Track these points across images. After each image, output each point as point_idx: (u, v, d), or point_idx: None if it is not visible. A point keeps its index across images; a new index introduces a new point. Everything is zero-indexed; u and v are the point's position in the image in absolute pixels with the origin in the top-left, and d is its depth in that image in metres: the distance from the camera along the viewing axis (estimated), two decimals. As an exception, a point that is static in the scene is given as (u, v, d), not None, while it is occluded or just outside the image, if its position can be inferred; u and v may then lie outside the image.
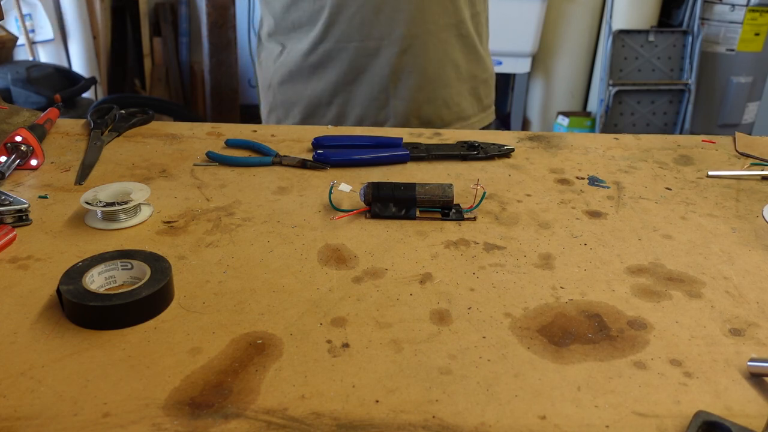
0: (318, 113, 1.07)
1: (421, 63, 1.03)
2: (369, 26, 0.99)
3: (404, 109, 1.05)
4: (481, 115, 1.15)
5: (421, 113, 1.06)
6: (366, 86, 1.04)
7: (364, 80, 1.03)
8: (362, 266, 0.55)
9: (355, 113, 1.05)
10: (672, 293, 0.53)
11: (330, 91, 1.05)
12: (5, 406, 0.39)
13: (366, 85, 1.04)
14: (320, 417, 0.39)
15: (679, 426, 0.39)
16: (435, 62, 1.04)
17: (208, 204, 0.66)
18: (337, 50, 1.02)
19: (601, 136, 0.89)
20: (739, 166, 0.81)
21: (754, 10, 2.69)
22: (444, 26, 1.03)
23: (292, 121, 1.10)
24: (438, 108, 1.07)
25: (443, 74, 1.06)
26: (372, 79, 1.03)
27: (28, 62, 2.59)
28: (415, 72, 1.03)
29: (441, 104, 1.07)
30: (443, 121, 1.09)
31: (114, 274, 0.51)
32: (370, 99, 1.04)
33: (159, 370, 0.42)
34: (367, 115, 1.05)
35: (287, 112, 1.10)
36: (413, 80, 1.04)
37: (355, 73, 1.03)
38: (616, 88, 2.81)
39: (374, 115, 1.05)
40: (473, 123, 1.13)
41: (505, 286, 0.53)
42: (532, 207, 0.67)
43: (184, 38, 3.24)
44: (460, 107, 1.10)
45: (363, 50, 1.01)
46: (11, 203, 0.60)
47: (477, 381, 0.42)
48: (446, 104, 1.08)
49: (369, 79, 1.03)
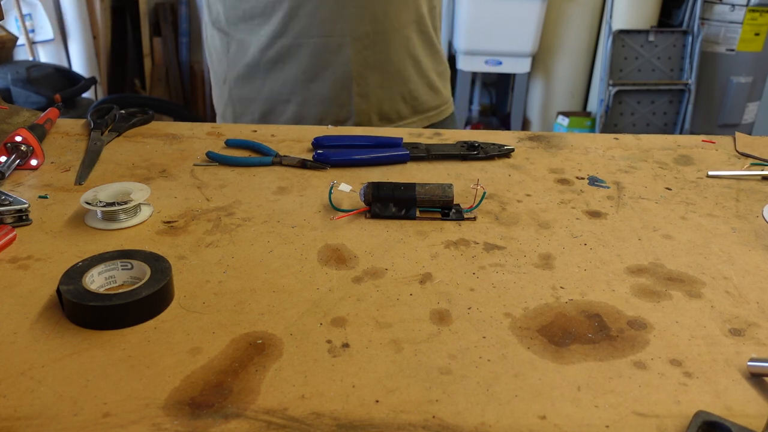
0: (276, 111, 1.04)
1: (384, 60, 1.02)
2: (331, 22, 0.97)
3: (366, 106, 1.03)
4: (440, 108, 1.14)
5: (381, 109, 1.05)
6: (327, 84, 1.01)
7: (325, 77, 1.01)
8: (362, 266, 0.55)
9: (314, 111, 1.03)
10: (672, 293, 0.53)
11: (289, 88, 1.02)
12: (5, 406, 0.39)
13: (327, 83, 1.01)
14: (320, 417, 0.39)
15: (679, 426, 0.39)
16: (397, 58, 1.03)
17: (208, 204, 0.66)
18: (296, 46, 0.98)
19: (601, 136, 0.89)
20: (739, 166, 0.81)
21: (754, 10, 2.69)
22: (406, 22, 1.02)
23: (249, 119, 1.07)
24: (396, 103, 1.06)
25: (404, 70, 1.05)
26: (333, 77, 1.00)
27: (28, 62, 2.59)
28: (377, 69, 1.02)
29: (399, 99, 1.06)
30: (399, 115, 1.08)
31: (114, 274, 0.51)
32: (331, 97, 1.02)
33: (159, 370, 0.42)
34: (328, 114, 1.03)
35: (244, 109, 1.06)
36: (376, 77, 1.02)
37: (315, 70, 1.00)
38: (616, 88, 2.81)
39: (335, 114, 1.03)
40: (431, 116, 1.12)
41: (505, 286, 0.53)
42: (532, 207, 0.67)
43: (184, 38, 3.24)
44: (418, 101, 1.10)
45: (324, 46, 0.98)
46: (11, 203, 0.60)
47: (477, 381, 0.42)
48: (404, 99, 1.07)
49: (330, 76, 1.00)
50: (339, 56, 0.99)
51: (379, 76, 1.02)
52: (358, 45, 0.99)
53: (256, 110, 1.05)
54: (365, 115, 1.04)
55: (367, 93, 1.03)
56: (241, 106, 1.07)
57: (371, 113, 1.04)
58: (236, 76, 1.05)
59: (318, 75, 1.01)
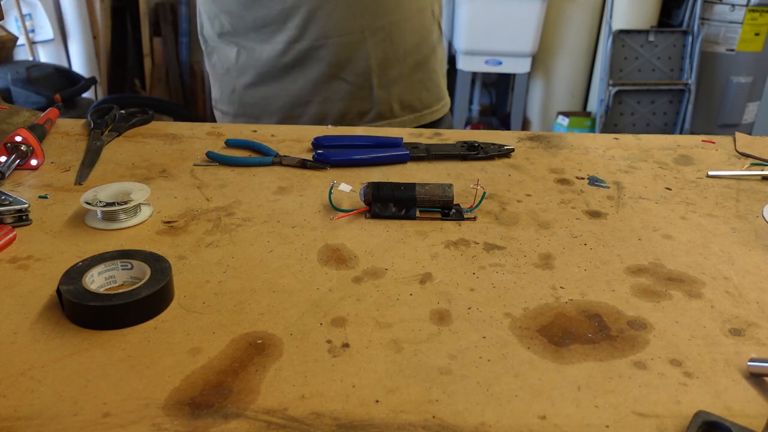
0: (295, 114, 1.04)
1: (403, 49, 1.02)
2: (348, 20, 0.97)
3: (387, 96, 1.04)
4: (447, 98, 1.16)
5: (402, 98, 1.06)
6: (348, 80, 1.01)
7: (346, 75, 1.01)
8: (362, 266, 0.55)
9: (337, 107, 1.03)
10: (672, 293, 0.53)
11: (309, 89, 1.02)
12: (5, 406, 0.39)
13: (348, 80, 1.01)
14: (320, 417, 0.39)
15: (679, 426, 0.39)
16: (415, 46, 1.04)
17: (208, 204, 0.66)
18: (315, 48, 0.98)
19: (601, 136, 0.89)
20: (739, 166, 0.81)
21: (754, 10, 2.69)
22: (419, 9, 1.03)
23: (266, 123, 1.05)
24: (418, 91, 1.07)
25: (422, 57, 1.06)
26: (354, 73, 1.01)
27: (28, 62, 2.59)
28: (397, 59, 1.02)
29: (421, 87, 1.07)
30: (423, 103, 1.08)
31: (114, 274, 0.51)
32: (353, 92, 1.02)
33: (159, 370, 0.42)
34: (350, 108, 1.04)
35: (259, 115, 1.05)
36: (396, 67, 1.03)
37: (335, 70, 1.00)
38: (616, 88, 2.81)
39: (357, 107, 1.04)
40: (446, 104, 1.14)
41: (505, 286, 0.53)
42: (532, 207, 0.67)
43: (184, 38, 3.24)
44: (439, 88, 1.11)
45: (343, 45, 0.99)
46: (11, 203, 0.60)
47: (477, 381, 0.42)
48: (425, 86, 1.08)
49: (350, 72, 1.01)
50: (358, 52, 1.00)
51: (399, 65, 1.03)
52: (376, 38, 0.99)
53: (274, 114, 1.04)
54: (386, 104, 1.04)
55: (388, 84, 1.03)
56: (254, 113, 1.06)
57: (392, 102, 1.05)
58: (246, 84, 1.04)
59: (338, 73, 1.01)
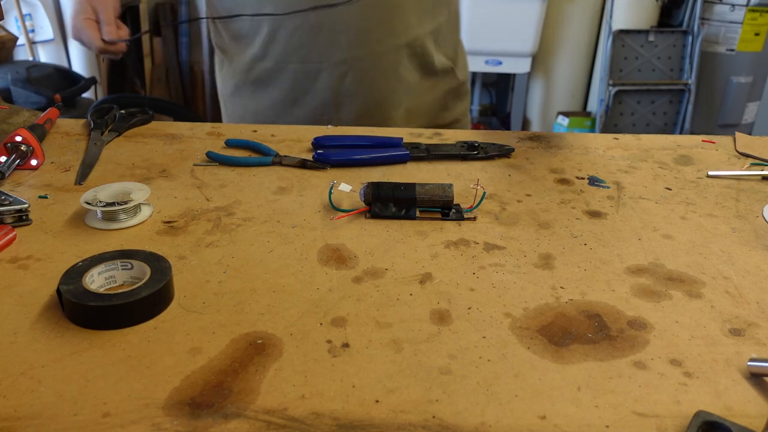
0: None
1: (366, 87, 0.99)
2: (307, 47, 0.96)
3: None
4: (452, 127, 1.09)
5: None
6: (307, 109, 1.01)
7: (305, 103, 1.00)
8: (362, 266, 0.55)
9: None
10: (672, 293, 0.53)
11: (273, 110, 1.02)
12: (5, 406, 0.39)
13: (308, 108, 1.01)
14: (320, 417, 0.39)
15: (679, 426, 0.39)
16: (382, 85, 1.00)
17: (208, 204, 0.66)
18: (276, 70, 0.99)
19: (601, 136, 0.89)
20: (739, 166, 0.81)
21: (754, 10, 2.69)
22: (392, 47, 0.98)
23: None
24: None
25: (392, 96, 1.02)
26: (313, 103, 1.00)
27: (28, 62, 2.59)
28: (359, 96, 1.00)
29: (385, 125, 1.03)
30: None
31: (114, 274, 0.51)
32: (316, 119, 1.01)
33: (159, 370, 0.42)
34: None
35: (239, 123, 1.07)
36: (357, 104, 1.00)
37: (296, 95, 1.00)
38: (616, 88, 2.81)
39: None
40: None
41: (505, 286, 0.53)
42: (532, 207, 0.67)
43: (184, 38, 3.23)
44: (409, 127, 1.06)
45: (302, 72, 0.98)
46: (11, 203, 0.60)
47: (477, 381, 0.42)
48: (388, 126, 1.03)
49: (310, 102, 1.00)
50: (317, 82, 0.99)
51: (360, 103, 1.00)
52: (336, 71, 0.97)
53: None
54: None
55: (349, 120, 1.01)
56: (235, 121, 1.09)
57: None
58: (229, 92, 1.07)
59: (298, 100, 1.01)
